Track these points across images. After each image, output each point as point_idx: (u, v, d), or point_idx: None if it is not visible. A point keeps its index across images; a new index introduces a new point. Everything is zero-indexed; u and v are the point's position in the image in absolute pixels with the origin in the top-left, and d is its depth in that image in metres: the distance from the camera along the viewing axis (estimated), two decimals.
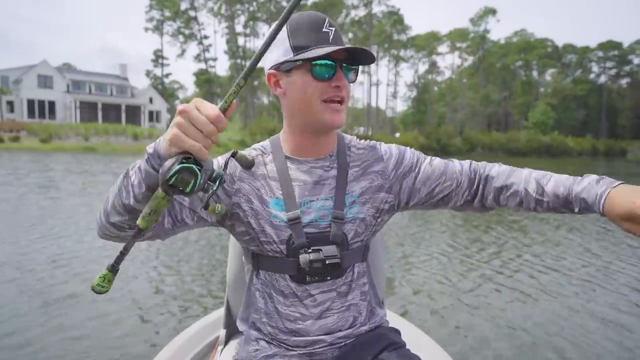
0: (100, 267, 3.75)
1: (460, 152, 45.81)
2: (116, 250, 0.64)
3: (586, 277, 4.25)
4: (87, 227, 5.63)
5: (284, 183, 0.94)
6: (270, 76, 0.94)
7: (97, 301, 3.15)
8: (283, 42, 0.89)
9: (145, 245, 4.79)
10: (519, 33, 66.33)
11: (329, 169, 0.98)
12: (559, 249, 5.49)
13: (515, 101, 61.46)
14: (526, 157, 45.21)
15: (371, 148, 1.04)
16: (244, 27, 54.56)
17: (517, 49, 62.85)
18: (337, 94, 0.89)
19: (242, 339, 1.04)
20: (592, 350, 2.71)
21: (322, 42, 0.87)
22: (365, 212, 0.98)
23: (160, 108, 46.60)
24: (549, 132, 52.32)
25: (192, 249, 4.81)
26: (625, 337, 2.91)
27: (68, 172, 13.37)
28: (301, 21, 0.88)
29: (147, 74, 54.21)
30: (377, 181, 1.00)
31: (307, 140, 0.96)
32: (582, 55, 65.74)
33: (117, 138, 32.01)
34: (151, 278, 3.80)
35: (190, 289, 3.53)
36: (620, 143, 56.39)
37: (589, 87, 62.94)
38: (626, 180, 0.77)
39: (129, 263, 4.17)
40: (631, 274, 4.38)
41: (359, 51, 0.88)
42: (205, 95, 54.41)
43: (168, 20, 52.61)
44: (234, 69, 54.91)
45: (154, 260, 4.35)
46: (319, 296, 0.96)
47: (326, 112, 0.89)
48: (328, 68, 0.87)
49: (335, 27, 0.89)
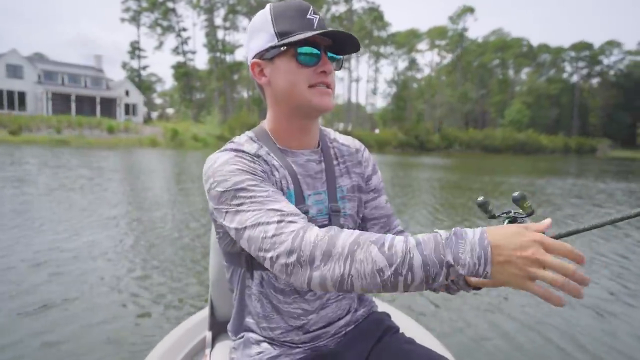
0: (85, 266, 3.49)
1: (438, 148, 46.51)
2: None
3: None
4: (74, 226, 5.48)
5: (292, 174, 0.92)
6: (254, 65, 0.91)
7: (78, 300, 3.10)
8: (267, 29, 0.87)
9: (116, 246, 4.70)
10: (496, 32, 67.77)
11: (319, 162, 0.98)
12: None
13: (492, 99, 62.83)
14: (502, 154, 46.28)
15: (356, 149, 1.06)
16: (224, 20, 53.90)
17: (493, 48, 64.19)
18: (323, 80, 0.87)
19: (238, 343, 1.00)
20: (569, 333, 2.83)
21: (306, 28, 0.85)
22: (352, 209, 1.00)
23: (136, 101, 45.56)
24: (524, 130, 53.74)
25: (172, 250, 4.76)
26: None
27: (44, 165, 12.97)
28: (286, 7, 0.86)
29: (124, 66, 52.90)
30: (358, 182, 1.04)
31: (295, 130, 0.94)
32: (555, 55, 67.66)
33: (91, 131, 31.17)
34: (126, 282, 3.75)
35: (176, 287, 3.50)
36: (590, 141, 58.39)
37: (562, 86, 64.88)
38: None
39: (104, 263, 4.10)
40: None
41: (344, 38, 0.86)
42: (183, 88, 53.58)
43: (145, 11, 51.43)
44: (213, 62, 54.19)
45: (125, 261, 4.29)
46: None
47: (315, 96, 0.87)
48: (313, 55, 0.86)
49: (319, 15, 0.88)
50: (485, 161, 29.85)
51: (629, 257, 4.84)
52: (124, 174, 12.41)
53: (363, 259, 0.65)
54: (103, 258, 4.09)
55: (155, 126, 37.65)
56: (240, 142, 0.92)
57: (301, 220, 0.75)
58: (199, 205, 7.21)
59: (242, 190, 0.79)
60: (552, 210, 8.45)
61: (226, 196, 0.80)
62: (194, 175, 12.62)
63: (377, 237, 0.67)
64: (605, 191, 12.21)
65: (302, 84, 0.86)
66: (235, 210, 0.79)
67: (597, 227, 0.72)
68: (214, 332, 1.25)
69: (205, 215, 6.31)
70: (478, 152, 46.75)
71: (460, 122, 59.93)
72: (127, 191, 8.78)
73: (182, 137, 32.78)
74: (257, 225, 0.75)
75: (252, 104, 53.78)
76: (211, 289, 1.24)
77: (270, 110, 0.95)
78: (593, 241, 5.48)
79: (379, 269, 0.64)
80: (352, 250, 0.67)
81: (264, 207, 0.77)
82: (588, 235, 5.62)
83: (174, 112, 64.19)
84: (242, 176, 0.81)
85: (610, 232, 6.02)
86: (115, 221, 5.72)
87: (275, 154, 0.92)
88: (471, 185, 12.55)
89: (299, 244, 0.70)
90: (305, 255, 0.69)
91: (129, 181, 10.59)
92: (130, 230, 5.33)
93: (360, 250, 0.66)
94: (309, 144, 0.97)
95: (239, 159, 0.84)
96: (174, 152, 25.08)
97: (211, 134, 35.04)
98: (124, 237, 4.96)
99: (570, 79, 68.82)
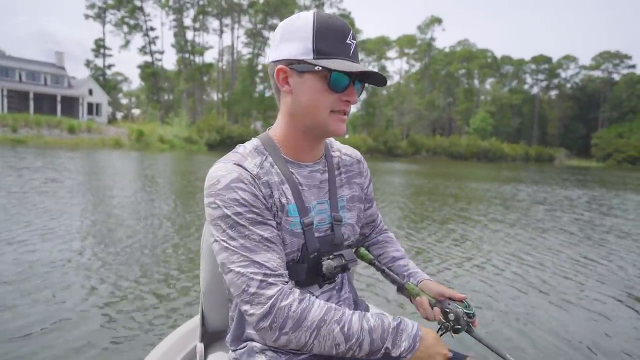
0: (58, 281, 3.29)
1: (405, 154, 47.42)
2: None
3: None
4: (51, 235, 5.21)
5: (293, 187, 0.93)
6: (280, 71, 0.88)
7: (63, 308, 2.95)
8: (305, 40, 0.85)
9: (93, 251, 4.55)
10: (462, 43, 70.03)
11: (323, 172, 1.00)
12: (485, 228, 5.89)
13: (458, 107, 64.76)
14: (467, 160, 47.74)
15: (357, 160, 1.10)
16: (194, 21, 53.04)
17: (460, 58, 66.28)
18: (345, 108, 0.90)
19: (241, 353, 0.98)
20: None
21: (344, 54, 0.86)
22: (352, 219, 1.04)
23: (100, 100, 44.05)
24: (487, 138, 55.66)
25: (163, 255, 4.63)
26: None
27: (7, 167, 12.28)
28: (330, 25, 0.85)
29: (87, 64, 51.04)
30: (358, 192, 1.08)
31: (306, 144, 0.95)
32: (517, 67, 70.61)
33: (50, 131, 29.85)
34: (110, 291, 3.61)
35: (163, 297, 3.40)
36: (549, 150, 61.24)
37: (523, 97, 67.74)
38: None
39: (78, 272, 3.94)
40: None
41: (376, 74, 0.89)
42: (150, 88, 52.25)
43: (111, 8, 49.87)
44: (181, 63, 53.19)
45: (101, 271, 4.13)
46: (321, 296, 0.98)
47: (332, 121, 0.89)
48: (345, 82, 0.87)
49: (355, 42, 0.89)
50: (452, 168, 30.71)
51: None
52: (74, 176, 11.96)
53: (326, 334, 0.81)
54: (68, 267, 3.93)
55: (120, 127, 36.53)
56: (245, 153, 0.92)
57: (281, 282, 0.83)
58: (167, 212, 7.03)
59: (238, 225, 0.84)
60: (524, 214, 8.84)
61: (223, 223, 0.84)
62: (165, 177, 12.30)
63: (339, 316, 0.82)
64: (569, 197, 12.84)
65: (325, 107, 0.88)
66: (225, 246, 0.84)
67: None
68: (206, 343, 1.23)
69: (176, 223, 6.17)
70: (444, 159, 48.03)
71: (427, 129, 61.42)
72: (67, 197, 8.46)
73: (148, 139, 31.92)
74: (241, 275, 0.82)
75: (222, 106, 53.11)
76: (202, 298, 1.21)
77: (282, 119, 0.95)
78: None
79: (336, 344, 0.81)
80: (319, 326, 0.81)
81: (251, 257, 0.83)
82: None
83: (141, 113, 62.45)
84: (241, 208, 0.84)
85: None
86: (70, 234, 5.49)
87: (279, 164, 0.93)
88: (451, 192, 12.86)
89: (274, 312, 0.80)
90: (278, 323, 0.80)
91: (79, 185, 10.21)
92: (97, 242, 5.14)
93: (325, 327, 0.81)
94: (315, 156, 0.99)
95: (241, 184, 0.85)
96: (139, 153, 24.39)
97: (179, 136, 34.29)
98: (88, 249, 4.78)
99: (530, 90, 71.99)
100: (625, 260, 5.26)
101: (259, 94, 54.26)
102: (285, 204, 0.91)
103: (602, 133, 62.15)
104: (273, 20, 53.38)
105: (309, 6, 55.31)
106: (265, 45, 55.11)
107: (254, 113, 53.87)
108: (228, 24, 54.11)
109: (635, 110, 62.54)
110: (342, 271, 0.97)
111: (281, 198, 0.90)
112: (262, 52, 55.14)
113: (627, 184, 20.87)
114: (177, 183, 11.75)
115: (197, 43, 53.64)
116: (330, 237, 0.98)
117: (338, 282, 1.04)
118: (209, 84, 59.03)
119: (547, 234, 6.79)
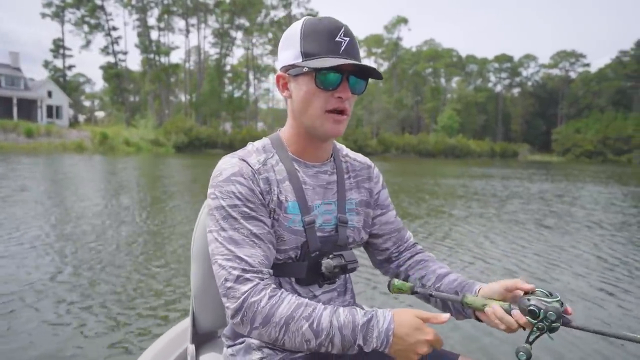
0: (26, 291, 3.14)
1: (375, 152, 47.98)
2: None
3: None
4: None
5: (296, 186, 0.94)
6: (279, 78, 0.94)
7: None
8: (295, 45, 0.88)
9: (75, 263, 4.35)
10: (428, 42, 71.48)
11: (331, 174, 1.01)
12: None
13: (425, 105, 66.01)
14: (435, 158, 48.76)
15: (367, 166, 1.11)
16: (158, 20, 51.65)
17: (426, 57, 67.63)
18: (339, 105, 0.89)
19: (238, 349, 0.98)
20: None
21: (331, 52, 0.85)
22: (359, 223, 1.04)
23: (61, 103, 42.26)
24: (454, 135, 57.00)
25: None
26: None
27: None
28: (317, 27, 0.87)
29: (46, 64, 48.88)
30: (367, 197, 1.07)
31: (311, 144, 0.97)
32: (481, 65, 72.73)
33: (5, 135, 28.39)
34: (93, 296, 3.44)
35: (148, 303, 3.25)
36: (512, 146, 63.35)
37: (487, 94, 69.82)
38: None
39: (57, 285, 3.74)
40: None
41: (366, 67, 0.88)
42: (114, 90, 50.52)
43: (70, 7, 47.88)
44: (146, 64, 51.71)
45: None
46: (322, 297, 0.98)
47: (327, 122, 0.90)
48: (333, 79, 0.87)
49: (350, 38, 0.88)
50: (422, 165, 31.30)
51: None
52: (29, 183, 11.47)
53: (295, 331, 0.80)
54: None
55: (83, 130, 35.15)
56: (253, 149, 0.95)
57: (257, 278, 0.84)
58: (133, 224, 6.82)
59: (230, 217, 0.87)
60: (500, 206, 9.09)
61: (217, 214, 0.88)
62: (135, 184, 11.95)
63: (309, 313, 0.81)
64: (542, 191, 13.35)
65: (318, 107, 0.89)
66: (215, 237, 0.87)
67: (603, 335, 0.74)
68: (197, 344, 1.24)
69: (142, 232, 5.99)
70: (413, 157, 48.87)
71: (396, 127, 62.30)
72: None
73: (113, 142, 30.87)
74: (222, 268, 0.85)
75: (190, 107, 51.99)
76: (193, 300, 1.21)
77: (289, 121, 0.98)
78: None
79: (307, 340, 0.80)
80: (287, 322, 0.80)
81: (235, 251, 0.85)
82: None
83: (106, 115, 60.33)
84: (236, 201, 0.87)
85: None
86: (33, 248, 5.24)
87: (285, 163, 0.95)
88: (430, 189, 13.05)
89: (244, 307, 0.82)
90: (248, 317, 0.82)
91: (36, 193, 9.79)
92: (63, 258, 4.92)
93: (293, 324, 0.80)
94: (322, 157, 1.00)
95: (240, 178, 0.88)
96: (102, 158, 23.55)
97: (145, 139, 33.31)
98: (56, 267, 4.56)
99: (494, 88, 74.28)
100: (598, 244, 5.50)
101: (228, 94, 53.49)
102: (284, 201, 0.92)
103: (561, 129, 64.85)
104: (240, 20, 52.78)
105: (276, 6, 55.06)
106: (232, 45, 54.40)
107: (223, 114, 53.07)
108: (194, 24, 53.02)
109: (590, 106, 65.72)
110: (342, 272, 0.96)
111: (280, 195, 0.92)
112: (229, 52, 54.40)
113: (586, 177, 21.90)
114: (149, 188, 11.42)
115: (163, 43, 52.30)
116: (334, 238, 0.98)
117: (340, 284, 1.03)
118: (177, 85, 57.66)
119: (530, 225, 6.98)
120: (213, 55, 55.95)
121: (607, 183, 17.76)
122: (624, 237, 6.39)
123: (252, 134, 42.78)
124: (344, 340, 0.80)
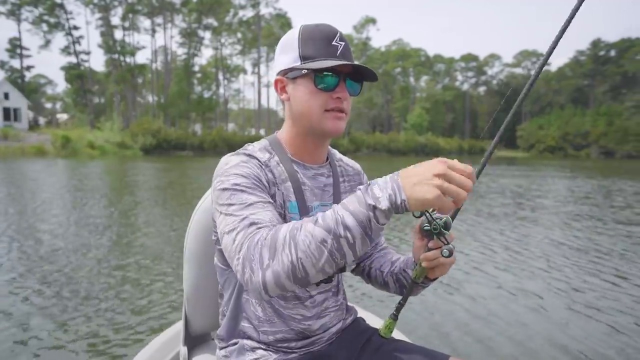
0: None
1: (347, 151, 48.30)
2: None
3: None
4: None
5: (295, 186, 0.96)
6: (278, 82, 0.97)
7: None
8: (293, 49, 0.93)
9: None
10: (397, 42, 72.58)
11: (328, 176, 1.04)
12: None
13: (395, 104, 67.01)
14: (406, 155, 49.54)
15: (358, 172, 1.15)
16: (122, 19, 50.21)
17: (395, 57, 68.64)
18: (338, 105, 0.93)
19: (231, 350, 0.99)
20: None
21: (329, 55, 0.91)
22: None
23: (19, 105, 40.48)
24: (424, 133, 58.13)
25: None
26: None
27: None
28: (314, 32, 0.92)
29: (2, 65, 46.77)
30: None
31: (309, 145, 0.99)
32: (449, 65, 74.51)
33: None
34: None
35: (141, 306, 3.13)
36: (480, 143, 65.18)
37: (455, 93, 71.64)
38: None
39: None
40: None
41: (362, 68, 0.92)
42: (77, 91, 48.74)
43: (26, 5, 45.88)
44: (110, 64, 50.17)
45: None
46: (318, 297, 1.01)
47: (328, 120, 0.93)
48: (331, 80, 0.91)
49: (345, 42, 0.93)
50: (394, 163, 31.67)
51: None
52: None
53: (304, 238, 0.70)
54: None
55: (43, 133, 33.81)
56: (255, 149, 0.97)
57: (267, 229, 0.76)
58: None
59: (238, 191, 0.84)
60: (487, 203, 9.28)
61: (224, 195, 0.84)
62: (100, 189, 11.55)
63: (310, 218, 0.73)
64: (522, 187, 13.67)
65: (318, 107, 0.92)
66: (225, 214, 0.82)
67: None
68: (190, 347, 1.24)
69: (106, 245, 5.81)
70: (384, 155, 49.49)
71: (367, 126, 63.01)
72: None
73: (76, 145, 29.79)
74: (234, 229, 0.78)
75: (158, 109, 50.79)
76: (186, 303, 1.21)
77: (287, 124, 1.01)
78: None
79: (321, 240, 0.69)
80: (292, 235, 0.71)
81: (245, 213, 0.80)
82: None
83: (69, 117, 58.13)
84: (243, 179, 0.86)
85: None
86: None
87: (285, 164, 0.97)
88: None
89: (250, 248, 0.74)
90: (256, 259, 0.72)
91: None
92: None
93: (299, 232, 0.71)
94: (319, 159, 1.03)
95: (248, 163, 0.90)
96: (65, 161, 22.67)
97: (110, 141, 32.32)
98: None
99: (461, 87, 76.31)
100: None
101: (198, 95, 52.60)
102: (285, 200, 0.95)
103: (525, 126, 67.24)
104: (208, 20, 52.01)
105: (245, 5, 54.57)
106: (201, 45, 53.51)
107: (192, 115, 52.15)
108: (160, 24, 51.87)
109: (552, 104, 68.47)
110: (339, 270, 0.99)
111: (284, 192, 0.95)
112: (198, 52, 53.50)
113: (552, 171, 22.76)
114: (126, 194, 11.07)
115: (128, 43, 50.93)
116: None
117: (334, 284, 1.06)
118: (144, 86, 56.21)
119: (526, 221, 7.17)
120: (181, 55, 54.94)
121: (574, 177, 18.51)
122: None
123: (222, 135, 42.24)
124: (356, 214, 0.69)
